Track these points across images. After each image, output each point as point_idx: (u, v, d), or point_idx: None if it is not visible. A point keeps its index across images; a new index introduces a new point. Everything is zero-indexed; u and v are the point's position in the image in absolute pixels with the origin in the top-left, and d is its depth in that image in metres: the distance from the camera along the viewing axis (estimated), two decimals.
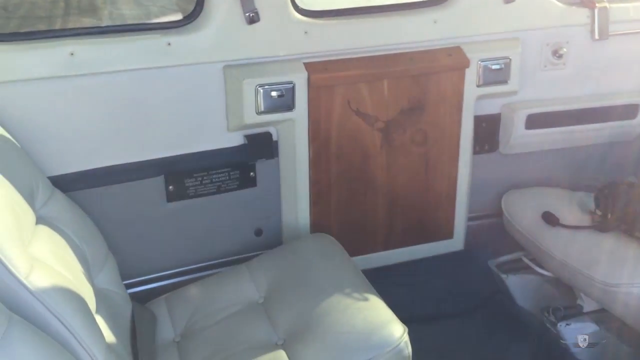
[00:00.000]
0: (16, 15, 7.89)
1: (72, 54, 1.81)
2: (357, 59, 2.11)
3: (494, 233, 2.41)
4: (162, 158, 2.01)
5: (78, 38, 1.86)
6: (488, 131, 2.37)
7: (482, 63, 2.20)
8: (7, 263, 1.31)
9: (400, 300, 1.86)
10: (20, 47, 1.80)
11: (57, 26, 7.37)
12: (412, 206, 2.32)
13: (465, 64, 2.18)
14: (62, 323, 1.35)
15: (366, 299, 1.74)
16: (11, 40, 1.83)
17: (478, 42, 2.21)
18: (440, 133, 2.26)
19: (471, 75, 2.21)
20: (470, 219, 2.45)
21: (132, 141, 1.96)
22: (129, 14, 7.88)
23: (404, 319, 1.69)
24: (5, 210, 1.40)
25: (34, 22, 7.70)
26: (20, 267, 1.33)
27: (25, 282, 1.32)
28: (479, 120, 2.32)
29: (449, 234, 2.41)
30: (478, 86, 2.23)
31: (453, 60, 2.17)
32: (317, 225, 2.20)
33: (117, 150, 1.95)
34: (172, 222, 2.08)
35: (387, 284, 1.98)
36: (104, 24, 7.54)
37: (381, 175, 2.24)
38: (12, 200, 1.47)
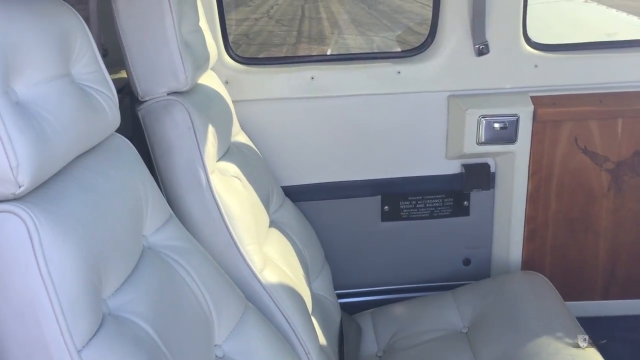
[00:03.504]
0: (255, 42, 8.86)
1: (312, 78, 2.01)
2: (589, 95, 2.02)
3: None
4: (381, 179, 2.11)
5: (318, 64, 2.06)
6: None
7: None
8: (246, 257, 1.50)
9: (618, 356, 1.72)
10: (269, 70, 2.04)
11: (290, 52, 8.12)
12: None
13: None
14: (284, 317, 1.49)
15: (580, 347, 1.64)
16: (262, 64, 2.09)
17: None
18: None
19: None
20: None
21: (355, 161, 2.09)
22: (353, 43, 8.38)
23: None
24: (249, 212, 1.59)
25: (269, 48, 8.58)
26: (256, 262, 1.51)
27: (259, 275, 1.50)
28: None
29: None
30: None
31: None
32: (529, 263, 2.13)
33: (341, 168, 2.09)
34: (384, 241, 2.17)
35: (603, 336, 1.84)
36: (329, 52, 8.12)
37: (606, 219, 2.09)
38: (254, 203, 1.67)
